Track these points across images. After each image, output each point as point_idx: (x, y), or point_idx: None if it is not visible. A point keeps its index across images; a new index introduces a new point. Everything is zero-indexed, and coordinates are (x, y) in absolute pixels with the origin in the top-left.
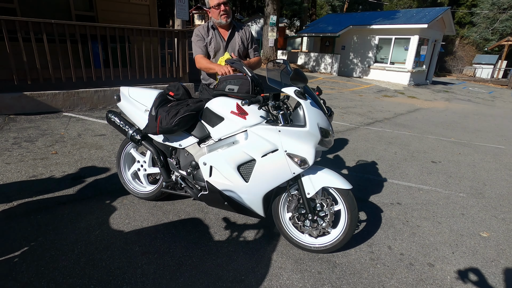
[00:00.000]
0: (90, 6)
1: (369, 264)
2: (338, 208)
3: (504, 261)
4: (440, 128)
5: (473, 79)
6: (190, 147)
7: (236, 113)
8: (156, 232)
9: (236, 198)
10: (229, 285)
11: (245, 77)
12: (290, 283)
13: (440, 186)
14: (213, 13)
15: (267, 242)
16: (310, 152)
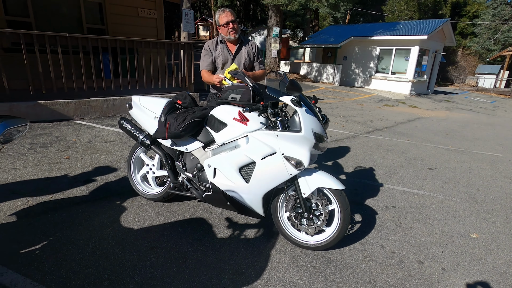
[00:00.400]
0: (101, 19)
1: (362, 261)
2: (332, 208)
3: (491, 260)
4: (439, 137)
5: (476, 89)
6: (196, 151)
7: (238, 119)
8: (163, 230)
9: (238, 198)
10: (230, 277)
11: (246, 87)
12: (287, 276)
13: (435, 191)
14: (223, 30)
15: (267, 240)
16: (305, 155)
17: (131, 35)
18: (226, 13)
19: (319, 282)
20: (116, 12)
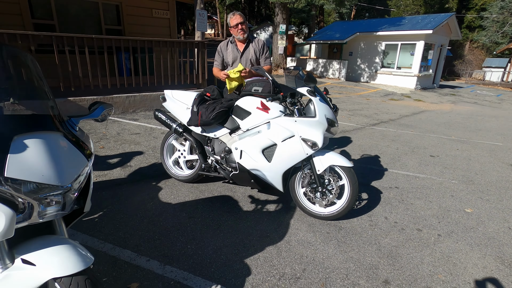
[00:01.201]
0: (118, 20)
1: (368, 228)
2: (342, 183)
3: (481, 229)
4: (442, 128)
5: (483, 83)
6: (223, 137)
7: (261, 108)
8: (196, 204)
9: (261, 176)
10: (258, 239)
11: (267, 80)
12: (305, 238)
13: (435, 175)
14: (233, 31)
15: (285, 212)
16: (319, 137)
17: (146, 35)
18: (236, 16)
19: (332, 243)
20: (132, 13)
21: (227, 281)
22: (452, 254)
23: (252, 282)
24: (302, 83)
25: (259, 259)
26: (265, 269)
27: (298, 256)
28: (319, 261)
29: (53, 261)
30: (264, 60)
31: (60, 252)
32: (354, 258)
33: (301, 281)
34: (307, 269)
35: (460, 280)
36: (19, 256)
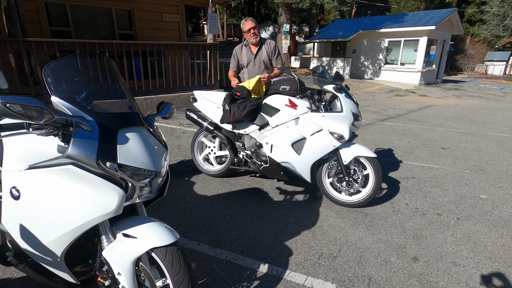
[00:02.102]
0: (130, 25)
1: (392, 214)
2: (367, 172)
3: (497, 212)
4: (450, 122)
5: (485, 77)
6: (253, 133)
7: (289, 105)
8: (230, 196)
9: (290, 168)
10: (293, 225)
11: (294, 79)
12: (335, 224)
13: (448, 165)
14: (246, 35)
15: (313, 201)
16: (345, 130)
17: (157, 38)
18: (248, 21)
19: (361, 227)
20: (143, 18)
21: (272, 260)
22: (472, 234)
23: (295, 261)
24: (326, 81)
25: (297, 241)
26: (304, 250)
27: (332, 238)
28: (352, 242)
29: (150, 234)
30: (276, 60)
31: (154, 227)
32: (383, 239)
33: (338, 259)
34: (342, 249)
35: (481, 256)
36: (119, 231)
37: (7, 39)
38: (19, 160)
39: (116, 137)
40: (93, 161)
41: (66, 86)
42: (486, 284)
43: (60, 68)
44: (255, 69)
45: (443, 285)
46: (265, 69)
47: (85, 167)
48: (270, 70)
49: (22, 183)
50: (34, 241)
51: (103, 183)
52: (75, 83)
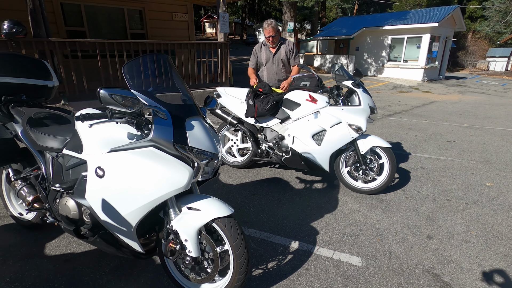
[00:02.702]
0: (141, 25)
1: (405, 199)
2: (382, 161)
3: (502, 198)
4: (454, 117)
5: (487, 73)
6: (275, 126)
7: (310, 100)
8: (254, 184)
9: (310, 158)
10: (315, 209)
11: (314, 76)
12: (355, 208)
13: (455, 157)
14: (265, 39)
15: (332, 189)
16: (363, 123)
17: (167, 37)
18: (269, 29)
19: (378, 211)
20: (154, 17)
21: (301, 238)
22: (479, 217)
23: (322, 239)
24: (344, 77)
25: (321, 223)
26: (329, 230)
27: (352, 220)
28: (371, 224)
29: (212, 207)
30: (294, 59)
31: (213, 202)
32: (399, 221)
33: (360, 238)
34: (362, 229)
35: (489, 234)
36: (183, 205)
37: (33, 39)
38: (101, 144)
39: (184, 124)
40: (170, 144)
41: (140, 81)
42: (494, 258)
43: (134, 66)
44: (273, 67)
45: (456, 258)
46: (283, 67)
47: (163, 149)
48: (287, 67)
49: (106, 163)
50: (113, 213)
51: (177, 162)
52: (146, 78)
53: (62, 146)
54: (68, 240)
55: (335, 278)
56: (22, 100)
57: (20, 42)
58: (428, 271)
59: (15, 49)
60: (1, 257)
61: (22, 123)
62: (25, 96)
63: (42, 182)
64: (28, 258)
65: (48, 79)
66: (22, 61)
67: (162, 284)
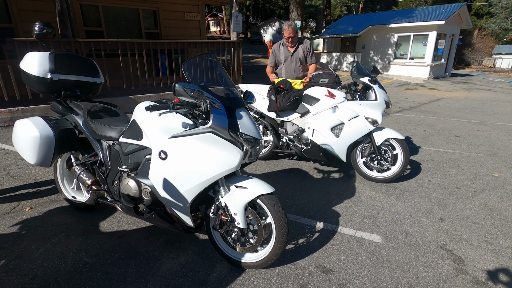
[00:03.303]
0: (155, 25)
1: (417, 188)
2: (396, 152)
3: (508, 187)
4: (461, 113)
5: (493, 70)
6: (295, 120)
7: (328, 95)
8: (276, 174)
9: (329, 149)
10: (335, 196)
11: (332, 73)
12: (371, 195)
13: (463, 150)
14: (285, 39)
15: (348, 178)
16: (379, 116)
17: (180, 36)
18: (289, 30)
19: (393, 197)
20: (168, 17)
21: (325, 219)
22: (487, 203)
23: (343, 220)
24: (361, 74)
25: (342, 207)
26: (350, 213)
27: (370, 205)
28: (387, 208)
29: (257, 185)
30: (311, 58)
31: (257, 181)
32: (413, 206)
33: (379, 219)
34: (380, 212)
35: (496, 217)
36: (231, 185)
37: (61, 40)
38: (163, 131)
39: (235, 114)
40: (226, 130)
41: (196, 77)
42: (501, 237)
43: (192, 64)
44: (291, 65)
45: (466, 236)
46: (301, 65)
47: (219, 134)
48: (304, 66)
49: (169, 147)
50: (173, 190)
51: (230, 146)
52: (200, 74)
53: (119, 135)
54: (118, 219)
55: (359, 251)
56: (77, 95)
57: (49, 43)
58: (442, 247)
59: (45, 49)
60: (64, 233)
61: (83, 115)
62: (79, 92)
63: (100, 167)
64: (87, 234)
65: (97, 76)
66: (77, 60)
67: (207, 255)
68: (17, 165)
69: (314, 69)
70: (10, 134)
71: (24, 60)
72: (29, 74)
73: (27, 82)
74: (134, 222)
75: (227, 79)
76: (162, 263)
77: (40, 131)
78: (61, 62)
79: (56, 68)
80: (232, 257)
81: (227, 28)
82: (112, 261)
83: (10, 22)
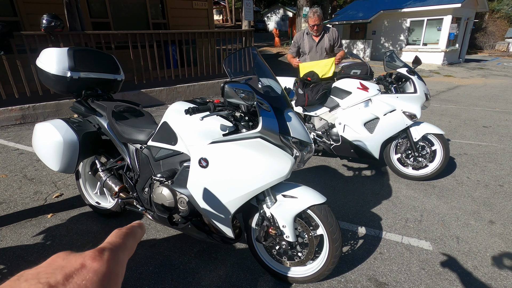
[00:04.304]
0: (162, 15)
1: (457, 186)
2: (434, 148)
3: None
4: (483, 101)
5: (507, 54)
6: (324, 114)
7: (361, 88)
8: (304, 172)
9: (361, 146)
10: (371, 197)
11: (364, 63)
12: (410, 194)
13: (495, 142)
14: (309, 27)
15: (381, 176)
16: (418, 110)
17: (188, 26)
18: (315, 18)
19: (433, 197)
20: (175, 6)
21: (366, 223)
22: None
23: (386, 224)
24: (397, 64)
25: (381, 209)
26: (391, 215)
27: (411, 206)
28: (430, 209)
29: (308, 195)
30: (338, 48)
31: (307, 190)
32: (457, 206)
33: (424, 223)
34: (423, 215)
35: None
36: (278, 193)
37: (70, 33)
38: (201, 136)
39: (284, 116)
40: (277, 135)
41: (237, 74)
42: None
43: (233, 59)
44: (316, 56)
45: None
46: (326, 56)
47: (268, 140)
48: (330, 56)
49: (211, 154)
50: (214, 201)
51: (281, 152)
52: (240, 69)
53: (147, 138)
54: (147, 227)
55: (411, 261)
56: (98, 94)
57: (58, 36)
58: (501, 254)
59: (54, 43)
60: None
61: (108, 116)
62: (100, 90)
63: (127, 172)
64: None
65: (117, 73)
66: (97, 56)
67: (248, 267)
68: (34, 166)
69: (343, 55)
70: (23, 133)
71: (41, 57)
72: (47, 73)
73: (45, 81)
74: (163, 229)
75: (271, 75)
76: (201, 277)
77: (63, 136)
78: (81, 59)
79: (76, 66)
80: (277, 270)
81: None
82: (147, 275)
83: (15, 15)
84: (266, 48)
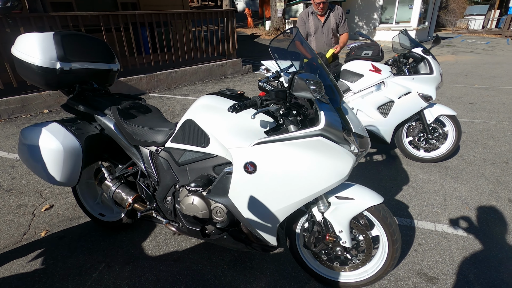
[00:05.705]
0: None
1: (467, 165)
2: (447, 129)
3: None
4: (461, 78)
5: (468, 32)
6: None
7: (373, 70)
8: None
9: (374, 130)
10: (390, 183)
11: (376, 44)
12: (426, 178)
13: (486, 119)
14: (314, 5)
15: (392, 160)
16: (433, 91)
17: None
18: None
19: (449, 179)
20: None
21: (395, 212)
22: None
23: (415, 211)
24: (411, 44)
25: (404, 196)
26: (416, 202)
27: (432, 191)
28: (450, 192)
29: (364, 195)
30: (342, 26)
31: (363, 189)
32: (474, 187)
33: (450, 207)
34: (446, 198)
35: None
36: (330, 195)
37: (31, 15)
38: (245, 136)
39: (341, 108)
40: (340, 132)
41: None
42: None
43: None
44: (323, 37)
45: None
46: (333, 37)
47: (330, 137)
48: (337, 37)
49: (258, 157)
50: (261, 210)
51: (342, 151)
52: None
53: (165, 139)
54: (163, 237)
55: (451, 250)
56: (94, 88)
57: (17, 19)
58: None
59: (12, 28)
60: (103, 263)
61: (114, 116)
62: (95, 84)
63: (142, 180)
64: (134, 262)
65: (112, 62)
66: (88, 42)
67: (289, 274)
68: (9, 174)
69: (347, 39)
70: None
71: (18, 45)
72: (29, 65)
73: (26, 75)
74: (183, 239)
75: (316, 60)
76: None
77: (63, 142)
78: (71, 46)
79: (66, 55)
80: (326, 276)
81: None
82: None
83: None
84: (240, 29)
